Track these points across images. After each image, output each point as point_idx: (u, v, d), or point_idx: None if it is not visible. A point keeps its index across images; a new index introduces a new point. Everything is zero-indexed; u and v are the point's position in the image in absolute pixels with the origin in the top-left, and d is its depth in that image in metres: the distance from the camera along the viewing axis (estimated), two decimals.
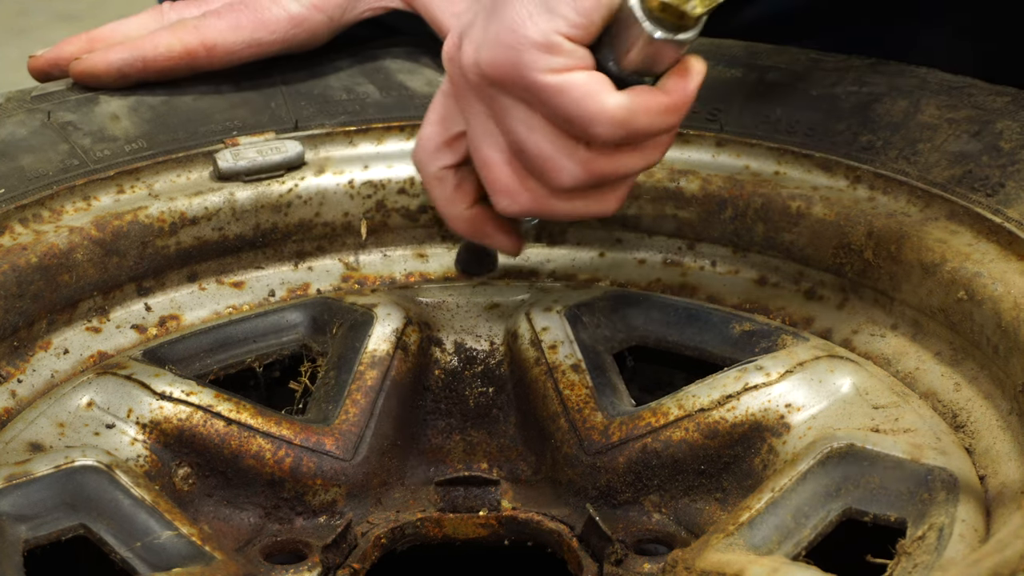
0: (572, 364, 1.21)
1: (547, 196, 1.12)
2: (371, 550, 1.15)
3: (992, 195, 1.21)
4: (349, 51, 1.43)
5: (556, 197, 1.12)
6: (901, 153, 1.27)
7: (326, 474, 1.17)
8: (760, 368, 1.19)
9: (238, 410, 1.18)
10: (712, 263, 1.33)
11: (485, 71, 1.09)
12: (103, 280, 1.26)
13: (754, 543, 1.07)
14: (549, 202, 1.13)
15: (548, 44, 1.06)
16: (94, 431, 1.16)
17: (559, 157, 1.09)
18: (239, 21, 1.38)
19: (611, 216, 1.17)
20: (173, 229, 1.29)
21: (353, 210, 1.34)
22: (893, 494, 1.09)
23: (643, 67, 1.07)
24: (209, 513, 1.17)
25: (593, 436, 1.18)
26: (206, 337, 1.26)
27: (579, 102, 1.07)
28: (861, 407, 1.16)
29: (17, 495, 1.08)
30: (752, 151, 1.32)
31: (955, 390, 1.18)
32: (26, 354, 1.22)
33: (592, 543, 1.14)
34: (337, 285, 1.34)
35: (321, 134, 1.35)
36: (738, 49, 1.42)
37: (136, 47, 1.37)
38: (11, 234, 1.23)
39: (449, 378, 1.26)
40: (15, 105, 1.35)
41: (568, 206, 1.13)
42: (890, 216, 1.24)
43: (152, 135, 1.33)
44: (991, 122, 1.27)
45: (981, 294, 1.16)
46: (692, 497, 1.18)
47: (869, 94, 1.33)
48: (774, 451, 1.16)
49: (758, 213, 1.30)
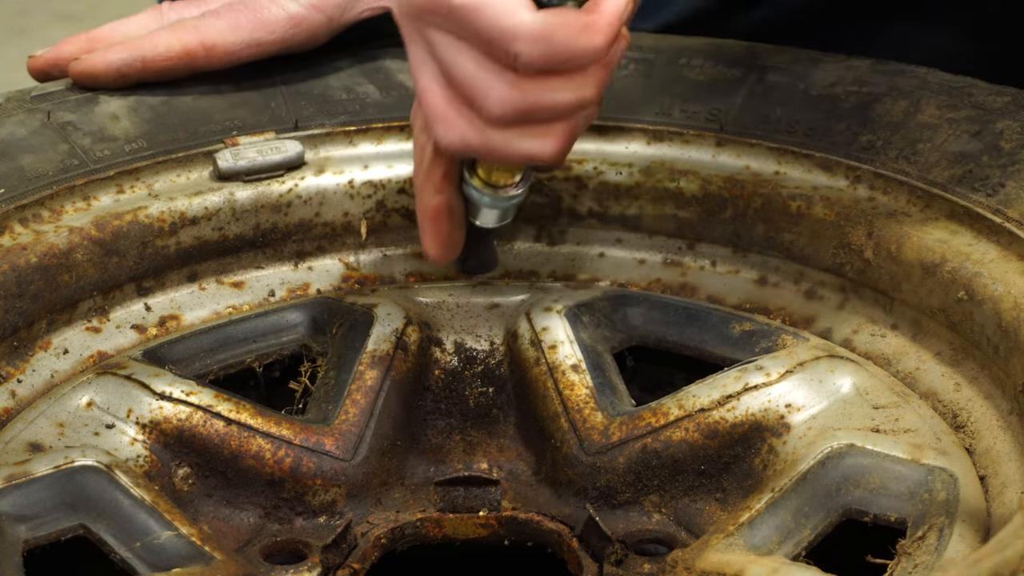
0: (572, 364, 1.21)
1: (482, 126, 1.12)
2: (371, 550, 1.15)
3: (992, 195, 1.21)
4: (349, 51, 1.43)
5: (491, 127, 1.12)
6: (901, 153, 1.27)
7: (326, 474, 1.17)
8: (760, 368, 1.19)
9: (238, 410, 1.18)
10: (712, 263, 1.33)
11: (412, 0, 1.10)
12: (103, 280, 1.26)
13: (754, 543, 1.07)
14: (484, 133, 1.12)
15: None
16: (94, 431, 1.16)
17: (486, 82, 1.10)
18: (238, 21, 1.38)
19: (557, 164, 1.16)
20: (173, 229, 1.29)
21: (353, 210, 1.34)
22: (893, 494, 1.09)
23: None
24: (209, 513, 1.17)
25: (593, 436, 1.18)
26: (206, 337, 1.26)
27: (495, 19, 1.07)
28: (861, 407, 1.16)
29: (17, 495, 1.08)
30: (752, 151, 1.32)
31: (955, 390, 1.18)
32: (26, 354, 1.22)
33: (592, 543, 1.14)
34: (337, 285, 1.34)
35: (321, 134, 1.35)
36: (738, 49, 1.42)
37: (135, 47, 1.37)
38: (11, 234, 1.23)
39: (449, 378, 1.26)
40: (15, 105, 1.35)
41: (504, 139, 1.12)
42: (890, 216, 1.24)
43: (152, 135, 1.33)
44: (991, 122, 1.27)
45: (981, 294, 1.16)
46: (692, 497, 1.18)
47: (869, 94, 1.33)
48: (774, 451, 1.16)
49: (758, 213, 1.30)
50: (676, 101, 1.37)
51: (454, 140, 1.13)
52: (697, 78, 1.39)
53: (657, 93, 1.38)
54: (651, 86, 1.39)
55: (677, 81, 1.39)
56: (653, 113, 1.36)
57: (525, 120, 1.11)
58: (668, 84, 1.39)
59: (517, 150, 1.13)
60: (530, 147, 1.13)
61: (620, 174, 1.34)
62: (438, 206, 1.20)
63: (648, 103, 1.37)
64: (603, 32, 1.09)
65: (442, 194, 1.19)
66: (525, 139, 1.12)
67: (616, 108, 1.34)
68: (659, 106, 1.37)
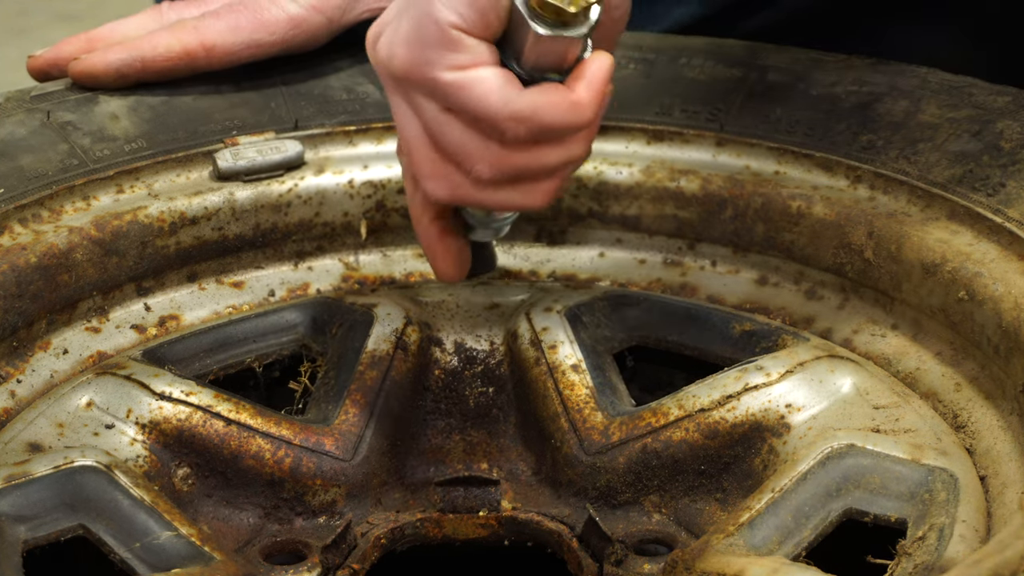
0: (572, 364, 1.21)
1: (470, 186, 1.12)
2: (371, 550, 1.15)
3: (993, 195, 1.21)
4: (349, 51, 1.43)
5: (480, 187, 1.12)
6: (902, 153, 1.27)
7: (326, 474, 1.17)
8: (760, 368, 1.18)
9: (238, 410, 1.18)
10: (712, 263, 1.33)
11: (394, 68, 1.10)
12: (103, 280, 1.26)
13: (754, 543, 1.07)
14: (473, 191, 1.13)
15: (450, 40, 1.07)
16: (93, 431, 1.16)
17: (473, 151, 1.10)
18: (238, 22, 1.38)
19: (545, 209, 1.16)
20: (173, 229, 1.29)
21: (353, 210, 1.34)
22: (893, 494, 1.09)
23: (542, 64, 1.08)
24: (209, 513, 1.17)
25: (593, 436, 1.18)
26: (206, 337, 1.26)
27: (481, 99, 1.07)
28: (861, 407, 1.16)
29: (16, 495, 1.08)
30: (752, 151, 1.32)
31: (956, 390, 1.18)
32: (25, 354, 1.22)
33: (592, 543, 1.14)
34: (337, 285, 1.34)
35: (321, 134, 1.35)
36: (738, 49, 1.42)
37: (135, 47, 1.37)
38: (10, 234, 1.23)
39: (449, 378, 1.26)
40: (15, 105, 1.35)
41: (493, 196, 1.13)
42: (890, 216, 1.24)
43: (152, 135, 1.33)
44: (992, 122, 1.27)
45: (982, 294, 1.16)
46: (692, 497, 1.18)
47: (869, 94, 1.33)
48: (774, 451, 1.16)
49: (758, 213, 1.30)
50: (676, 101, 1.37)
51: (443, 195, 1.13)
52: (697, 78, 1.39)
53: (657, 93, 1.38)
54: (651, 86, 1.39)
55: (677, 81, 1.39)
56: (653, 113, 1.36)
57: (515, 180, 1.12)
58: (668, 84, 1.39)
59: (507, 203, 1.14)
60: (521, 200, 1.13)
61: (620, 174, 1.34)
62: (440, 230, 1.19)
63: (648, 103, 1.37)
64: (591, 107, 1.09)
65: (442, 219, 1.19)
66: (515, 194, 1.13)
67: (616, 108, 1.34)
68: (659, 106, 1.37)
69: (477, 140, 1.09)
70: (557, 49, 1.07)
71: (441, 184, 1.13)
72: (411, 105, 1.11)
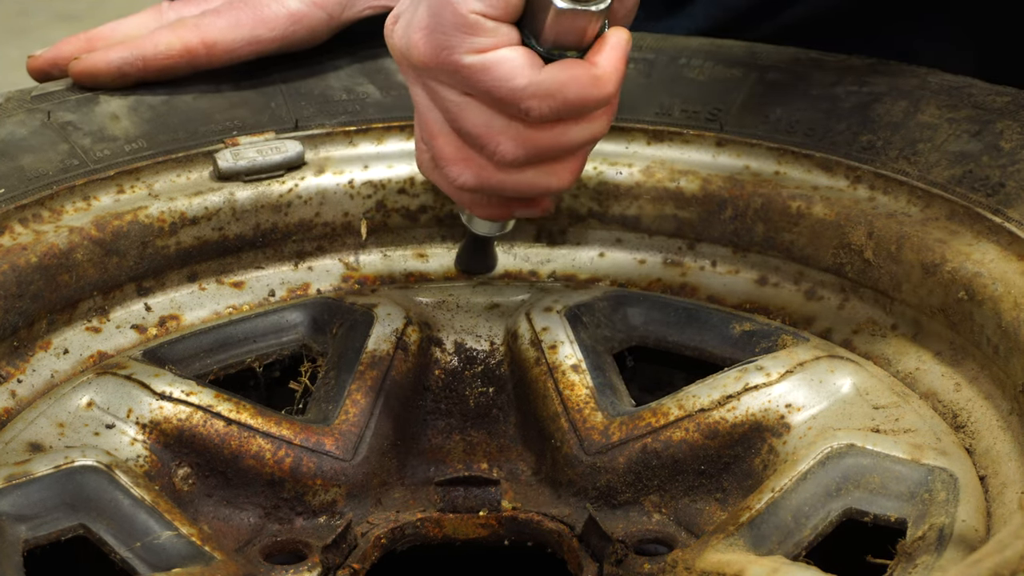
0: (572, 364, 1.21)
1: (494, 170, 1.13)
2: (371, 550, 1.15)
3: (992, 195, 1.21)
4: (349, 51, 1.43)
5: (504, 171, 1.13)
6: (901, 153, 1.27)
7: (326, 474, 1.17)
8: (760, 368, 1.19)
9: (238, 410, 1.18)
10: (712, 263, 1.33)
11: (413, 56, 1.10)
12: (103, 280, 1.26)
13: (754, 543, 1.07)
14: (498, 175, 1.13)
15: (469, 24, 1.07)
16: (94, 431, 1.16)
17: (496, 134, 1.10)
18: (238, 19, 1.38)
19: (568, 188, 1.16)
20: (173, 229, 1.29)
21: (353, 210, 1.34)
22: (893, 494, 1.09)
23: (562, 41, 1.09)
24: (209, 513, 1.17)
25: (593, 436, 1.18)
26: (206, 337, 1.26)
27: (505, 80, 1.07)
28: (861, 407, 1.16)
29: (17, 495, 1.08)
30: (752, 151, 1.32)
31: (955, 390, 1.18)
32: (26, 354, 1.22)
33: (592, 543, 1.14)
34: (337, 285, 1.34)
35: (321, 134, 1.35)
36: (738, 49, 1.42)
37: (135, 46, 1.37)
38: (11, 234, 1.23)
39: (449, 378, 1.26)
40: (15, 105, 1.35)
41: (519, 178, 1.13)
42: (890, 216, 1.24)
43: (152, 135, 1.33)
44: (991, 122, 1.27)
45: (981, 294, 1.16)
46: (692, 497, 1.18)
47: (869, 94, 1.33)
48: (774, 451, 1.16)
49: (758, 213, 1.30)
50: (676, 101, 1.37)
51: (467, 181, 1.14)
52: (697, 78, 1.39)
53: (657, 93, 1.38)
54: (651, 86, 1.39)
55: (677, 81, 1.39)
56: (653, 113, 1.36)
57: (539, 161, 1.12)
58: (668, 84, 1.39)
59: (532, 186, 1.14)
60: (546, 182, 1.14)
61: (620, 174, 1.34)
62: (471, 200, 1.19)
63: (648, 103, 1.37)
64: (612, 81, 1.10)
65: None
66: (540, 176, 1.13)
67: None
68: (659, 106, 1.37)
69: (501, 121, 1.10)
70: (578, 24, 1.08)
71: (466, 169, 1.13)
72: (431, 92, 1.12)
